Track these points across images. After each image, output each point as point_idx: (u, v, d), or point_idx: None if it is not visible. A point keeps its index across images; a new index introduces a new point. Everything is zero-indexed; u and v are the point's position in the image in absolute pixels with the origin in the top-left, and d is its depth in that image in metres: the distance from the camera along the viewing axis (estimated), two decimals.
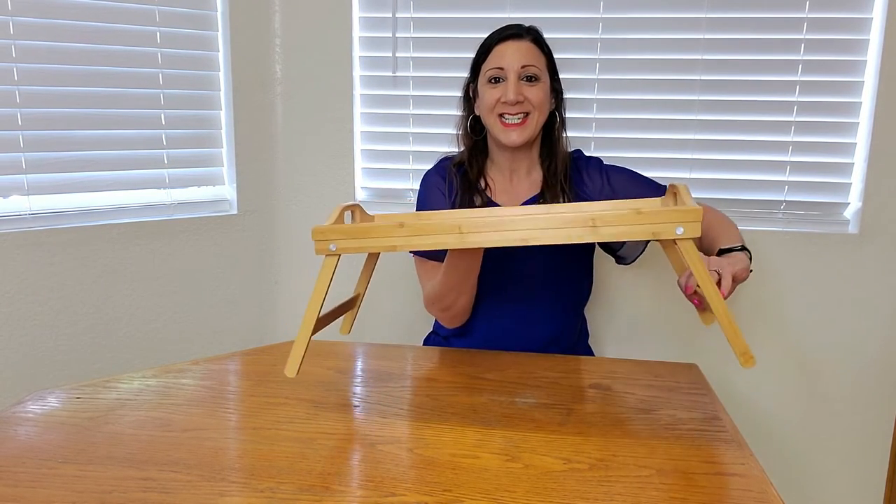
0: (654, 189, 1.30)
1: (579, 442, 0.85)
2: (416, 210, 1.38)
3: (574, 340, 1.33)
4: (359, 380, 1.05)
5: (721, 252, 1.07)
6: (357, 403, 0.96)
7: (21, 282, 1.42)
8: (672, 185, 0.96)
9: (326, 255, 0.86)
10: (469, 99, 1.35)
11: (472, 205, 1.29)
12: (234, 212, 1.68)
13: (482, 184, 1.32)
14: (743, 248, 1.08)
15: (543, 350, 1.22)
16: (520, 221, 0.80)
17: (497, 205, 1.29)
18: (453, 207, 1.30)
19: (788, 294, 1.57)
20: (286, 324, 1.79)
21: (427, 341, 1.42)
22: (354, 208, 1.01)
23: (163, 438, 0.85)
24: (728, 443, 0.86)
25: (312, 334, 0.88)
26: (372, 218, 1.09)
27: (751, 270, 1.05)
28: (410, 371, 1.09)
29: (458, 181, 1.31)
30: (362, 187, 1.74)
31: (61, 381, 1.46)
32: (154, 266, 1.58)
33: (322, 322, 0.94)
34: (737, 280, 0.97)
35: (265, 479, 0.76)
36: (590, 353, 1.37)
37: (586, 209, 0.83)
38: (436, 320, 1.43)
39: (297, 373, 0.88)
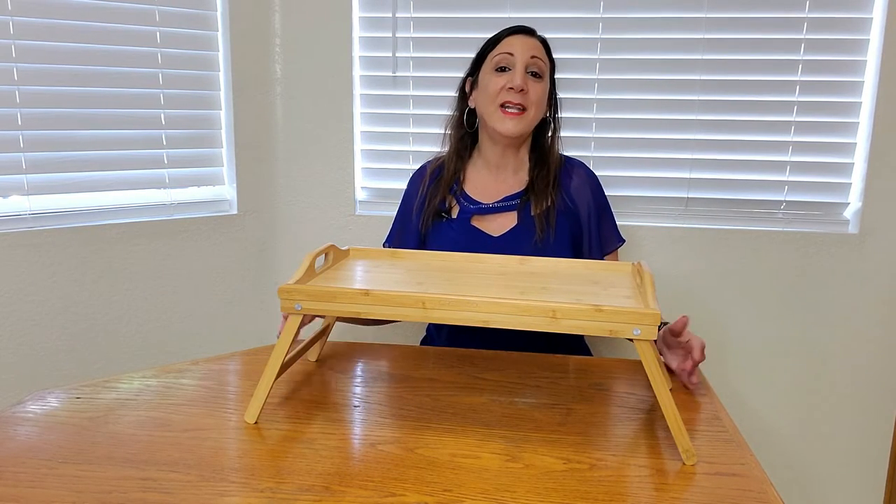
0: (609, 240, 1.34)
1: (579, 442, 0.85)
2: (399, 206, 1.41)
3: (573, 340, 1.33)
4: (359, 380, 1.05)
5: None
6: (357, 403, 0.96)
7: (21, 282, 1.42)
8: (639, 268, 0.95)
9: (291, 314, 0.87)
10: (464, 94, 1.36)
11: (444, 205, 1.31)
12: (234, 212, 1.68)
13: (461, 178, 1.33)
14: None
15: (543, 350, 1.22)
16: (482, 304, 0.81)
17: (476, 201, 1.30)
18: (421, 211, 1.33)
19: (788, 294, 1.57)
20: None
21: (422, 343, 1.42)
22: (329, 249, 1.01)
23: (163, 438, 0.85)
24: (728, 443, 0.86)
25: (275, 380, 0.89)
26: (347, 253, 1.09)
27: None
28: (410, 371, 1.09)
29: (429, 186, 1.33)
30: (362, 187, 1.74)
31: (61, 381, 1.46)
32: (154, 266, 1.58)
33: (286, 365, 0.96)
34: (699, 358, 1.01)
35: (265, 479, 0.76)
36: (589, 352, 1.37)
37: (550, 301, 0.81)
38: (428, 326, 1.43)
39: (257, 420, 0.89)
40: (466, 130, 1.35)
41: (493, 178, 1.33)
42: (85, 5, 1.45)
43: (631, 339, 0.80)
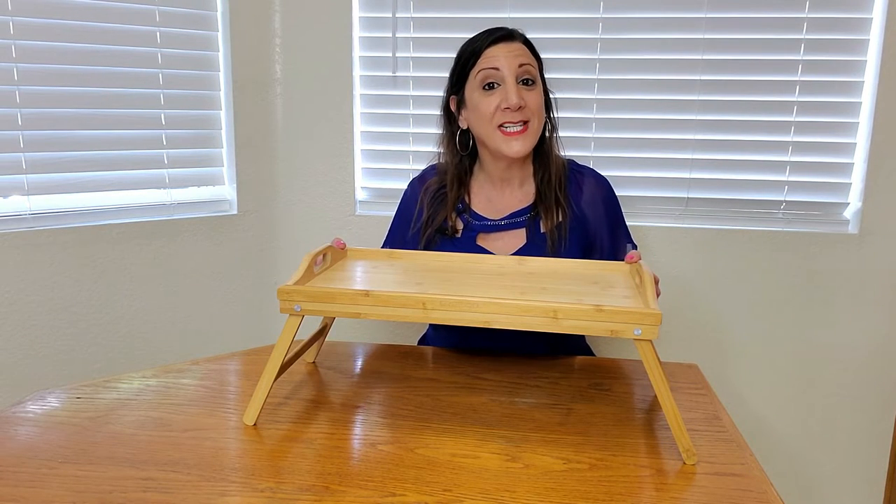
0: (622, 244, 1.28)
1: (579, 442, 0.85)
2: (396, 212, 1.36)
3: (574, 340, 1.33)
4: (358, 380, 1.05)
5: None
6: (357, 403, 0.96)
7: (21, 282, 1.42)
8: (638, 268, 0.94)
9: (290, 315, 0.87)
10: (450, 114, 1.28)
11: (447, 223, 1.25)
12: (234, 212, 1.68)
13: (466, 199, 1.27)
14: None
15: (543, 350, 1.22)
16: (483, 305, 0.82)
17: (483, 217, 1.25)
18: (420, 234, 1.26)
19: (788, 294, 1.57)
20: None
21: (421, 343, 1.42)
22: (327, 250, 1.01)
23: (163, 438, 0.85)
24: (728, 443, 0.86)
25: (274, 381, 0.89)
26: (345, 254, 1.09)
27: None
28: (410, 371, 1.09)
29: (430, 208, 1.26)
30: (362, 187, 1.74)
31: (61, 381, 1.46)
32: (154, 266, 1.58)
33: (284, 366, 0.96)
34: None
35: (265, 479, 0.76)
36: (590, 352, 1.37)
37: (549, 300, 0.80)
38: (428, 326, 1.42)
39: (255, 422, 0.89)
40: (462, 154, 1.27)
41: (499, 193, 1.27)
42: (85, 5, 1.45)
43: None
